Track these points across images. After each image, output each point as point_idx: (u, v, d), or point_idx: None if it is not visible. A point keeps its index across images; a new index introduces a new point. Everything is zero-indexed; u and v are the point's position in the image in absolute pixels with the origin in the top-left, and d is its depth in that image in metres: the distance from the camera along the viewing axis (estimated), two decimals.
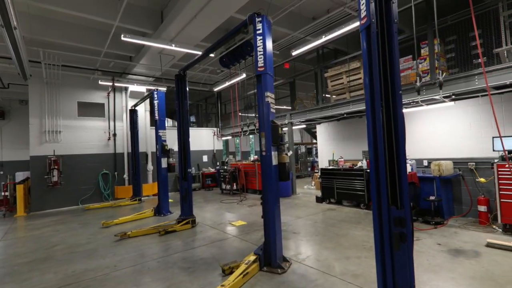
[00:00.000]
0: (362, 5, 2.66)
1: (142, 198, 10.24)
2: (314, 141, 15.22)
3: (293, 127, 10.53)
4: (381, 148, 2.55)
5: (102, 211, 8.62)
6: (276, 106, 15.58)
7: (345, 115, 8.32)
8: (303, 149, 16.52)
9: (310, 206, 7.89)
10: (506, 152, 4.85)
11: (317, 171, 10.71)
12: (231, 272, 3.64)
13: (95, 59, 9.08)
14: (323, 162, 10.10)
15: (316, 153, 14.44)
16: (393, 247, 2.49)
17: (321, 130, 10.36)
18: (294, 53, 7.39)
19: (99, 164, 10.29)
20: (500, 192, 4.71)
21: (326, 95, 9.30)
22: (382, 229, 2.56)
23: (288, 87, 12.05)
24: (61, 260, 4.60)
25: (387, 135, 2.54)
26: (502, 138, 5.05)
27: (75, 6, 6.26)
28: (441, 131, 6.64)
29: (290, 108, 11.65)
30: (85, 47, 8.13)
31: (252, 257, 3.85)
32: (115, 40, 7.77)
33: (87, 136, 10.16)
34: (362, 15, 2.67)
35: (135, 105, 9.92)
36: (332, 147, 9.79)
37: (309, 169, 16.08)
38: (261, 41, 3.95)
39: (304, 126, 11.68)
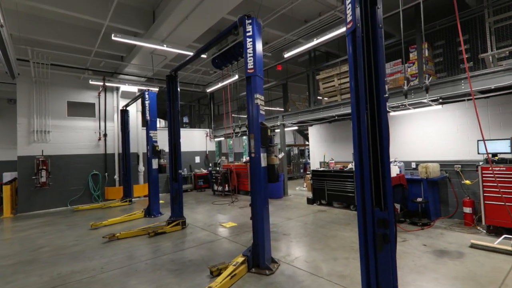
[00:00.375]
0: (348, 9, 2.70)
1: (133, 199, 10.15)
2: (307, 142, 15.31)
3: (286, 129, 10.58)
4: (365, 151, 2.59)
5: (92, 213, 8.51)
6: (269, 108, 15.63)
7: (336, 117, 8.40)
8: (295, 150, 16.59)
9: (301, 207, 7.93)
10: (490, 155, 4.98)
11: (309, 172, 10.78)
12: (219, 274, 3.64)
13: (86, 59, 8.99)
14: (315, 163, 10.16)
15: (309, 154, 14.52)
16: (377, 248, 2.53)
17: (313, 132, 10.43)
18: (286, 55, 7.44)
19: (89, 164, 10.15)
20: (484, 194, 4.81)
21: (318, 97, 9.37)
22: (366, 230, 2.60)
23: (281, 88, 12.11)
24: (46, 262, 4.52)
25: (372, 138, 2.58)
26: (487, 142, 5.19)
27: (64, 4, 6.18)
28: (430, 134, 6.76)
29: (283, 109, 11.70)
30: (75, 46, 8.03)
31: (240, 259, 3.86)
32: (106, 40, 7.70)
33: (77, 136, 10.02)
34: (348, 20, 2.71)
35: (127, 105, 9.83)
36: (323, 149, 9.86)
37: (301, 170, 16.15)
38: (251, 43, 3.97)
39: (296, 128, 11.74)
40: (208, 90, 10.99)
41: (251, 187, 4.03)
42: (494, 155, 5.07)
